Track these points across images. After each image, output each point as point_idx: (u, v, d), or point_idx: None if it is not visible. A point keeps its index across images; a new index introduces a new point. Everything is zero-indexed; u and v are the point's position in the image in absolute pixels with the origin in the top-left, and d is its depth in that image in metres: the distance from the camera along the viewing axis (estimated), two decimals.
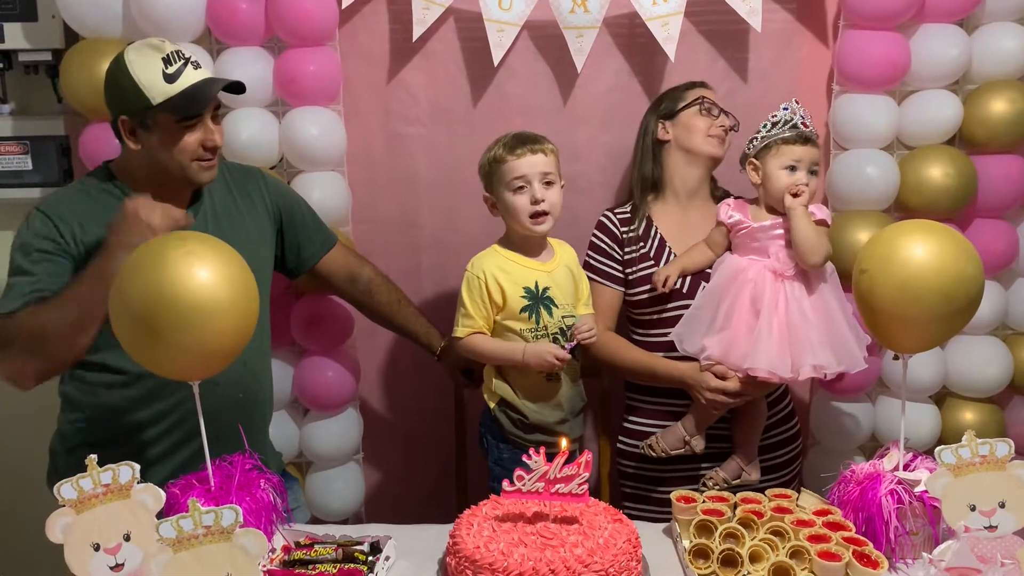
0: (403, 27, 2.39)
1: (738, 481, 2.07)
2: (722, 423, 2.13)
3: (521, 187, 1.92)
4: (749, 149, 2.06)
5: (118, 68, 1.77)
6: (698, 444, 2.08)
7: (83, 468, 1.37)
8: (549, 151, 1.95)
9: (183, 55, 1.79)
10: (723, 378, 2.00)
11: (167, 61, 1.75)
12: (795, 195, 1.98)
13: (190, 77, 1.76)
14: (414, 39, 2.35)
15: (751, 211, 2.08)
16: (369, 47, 2.44)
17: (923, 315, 1.55)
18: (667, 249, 2.17)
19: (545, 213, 1.92)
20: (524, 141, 1.94)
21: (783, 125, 2.00)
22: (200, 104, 1.78)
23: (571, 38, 2.35)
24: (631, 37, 2.44)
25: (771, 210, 2.05)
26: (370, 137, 2.49)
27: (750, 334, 1.96)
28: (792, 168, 1.99)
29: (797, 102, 2.04)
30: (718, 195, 2.25)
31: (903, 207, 2.38)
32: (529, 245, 1.99)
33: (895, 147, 2.40)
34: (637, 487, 2.24)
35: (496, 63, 2.36)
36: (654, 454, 2.11)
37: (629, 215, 2.22)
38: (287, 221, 2.09)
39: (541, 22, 2.37)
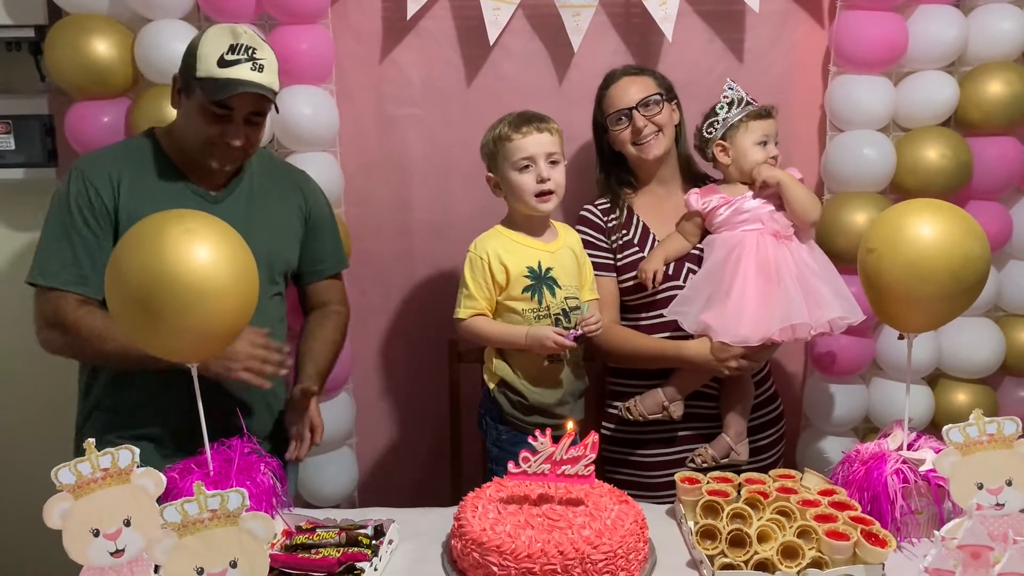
0: (396, 5, 2.35)
1: (727, 460, 2.06)
2: (708, 402, 2.12)
3: (527, 166, 1.90)
4: (710, 133, 2.07)
5: (198, 33, 1.82)
6: (676, 410, 2.07)
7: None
8: (554, 130, 1.93)
9: (253, 55, 1.76)
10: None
11: (233, 49, 1.75)
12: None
13: (240, 72, 1.74)
14: (408, 17, 2.32)
15: (724, 190, 2.09)
16: (361, 25, 2.40)
17: (931, 294, 1.55)
18: (650, 235, 2.15)
19: (550, 192, 1.90)
20: (529, 120, 1.91)
21: (739, 104, 2.05)
22: (227, 94, 1.74)
23: (568, 17, 2.33)
24: (627, 17, 2.42)
25: (745, 184, 2.08)
26: (362, 118, 2.45)
27: (763, 301, 1.95)
28: (763, 142, 2.04)
29: (733, 80, 2.08)
30: (700, 175, 2.23)
31: (899, 188, 2.38)
32: (532, 225, 1.96)
33: (891, 128, 2.40)
34: (621, 472, 2.20)
35: (492, 42, 2.33)
36: (631, 417, 2.09)
37: (609, 205, 2.19)
38: (311, 229, 2.03)
39: (537, 1, 2.34)
